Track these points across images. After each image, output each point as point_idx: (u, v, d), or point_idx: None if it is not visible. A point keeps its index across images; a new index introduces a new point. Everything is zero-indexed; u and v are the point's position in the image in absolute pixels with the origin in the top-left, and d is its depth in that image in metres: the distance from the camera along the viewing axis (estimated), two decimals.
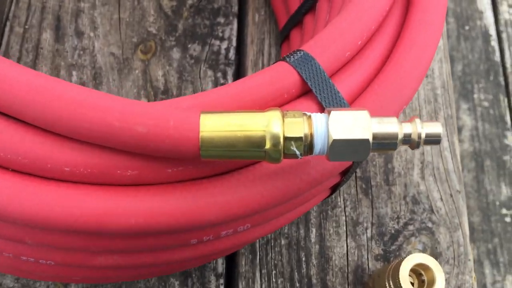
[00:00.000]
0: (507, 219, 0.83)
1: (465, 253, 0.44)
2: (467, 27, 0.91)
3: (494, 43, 0.92)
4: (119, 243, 0.30)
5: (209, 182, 0.29)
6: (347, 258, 0.43)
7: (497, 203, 0.84)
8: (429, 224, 0.45)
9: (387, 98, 0.32)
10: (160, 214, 0.28)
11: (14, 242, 0.30)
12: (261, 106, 0.30)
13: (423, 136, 0.26)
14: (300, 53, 0.31)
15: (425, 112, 0.49)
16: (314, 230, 0.44)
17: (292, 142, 0.25)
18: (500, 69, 0.89)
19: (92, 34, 0.49)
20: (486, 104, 0.88)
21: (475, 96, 0.90)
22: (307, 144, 0.26)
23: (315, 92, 0.31)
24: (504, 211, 0.83)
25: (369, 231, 0.44)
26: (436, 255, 0.44)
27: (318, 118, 0.26)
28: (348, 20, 0.32)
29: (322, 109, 0.30)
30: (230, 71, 0.49)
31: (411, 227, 0.45)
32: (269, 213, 0.32)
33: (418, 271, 0.38)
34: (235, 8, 0.51)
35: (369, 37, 0.33)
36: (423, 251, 0.44)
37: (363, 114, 0.26)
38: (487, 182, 0.85)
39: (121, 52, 0.48)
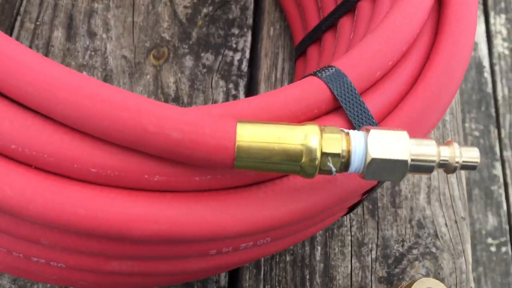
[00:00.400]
0: (492, 249, 0.84)
1: (467, 281, 0.44)
2: None
3: (487, 74, 0.94)
4: (137, 250, 0.29)
5: (236, 193, 0.29)
6: (351, 279, 0.43)
7: (483, 232, 0.85)
8: (433, 249, 0.45)
9: (414, 121, 0.32)
10: (185, 222, 0.27)
11: (27, 242, 0.29)
12: (291, 120, 0.29)
13: (460, 160, 0.26)
14: (332, 69, 0.31)
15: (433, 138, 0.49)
16: (319, 248, 0.44)
17: (329, 158, 0.25)
18: (492, 101, 0.91)
19: (104, 36, 0.48)
20: (476, 133, 0.89)
21: (467, 125, 0.91)
22: (344, 161, 0.25)
23: (345, 109, 0.30)
24: (489, 240, 0.84)
25: (373, 252, 0.44)
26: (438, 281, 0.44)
27: (356, 136, 0.26)
28: (381, 40, 0.32)
29: (351, 127, 0.30)
30: (242, 83, 0.48)
31: (415, 251, 0.44)
32: (291, 228, 0.31)
33: None
34: (250, 21, 0.51)
35: (399, 58, 0.33)
36: (426, 276, 0.44)
37: (402, 135, 0.26)
38: (475, 211, 0.86)
39: (133, 56, 0.47)
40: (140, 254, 0.30)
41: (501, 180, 0.89)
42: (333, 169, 0.25)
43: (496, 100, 0.97)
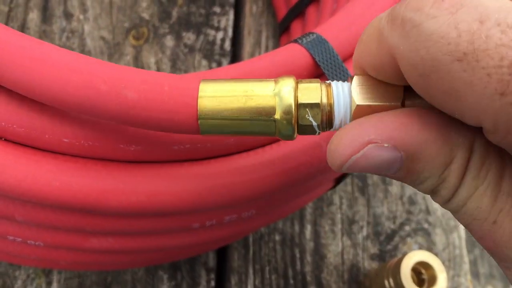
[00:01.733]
0: None
1: (460, 255, 0.43)
2: None
3: None
4: (116, 224, 0.28)
5: (216, 162, 0.27)
6: (342, 257, 0.42)
7: None
8: (425, 225, 0.44)
9: None
10: (164, 193, 0.26)
11: (1, 219, 0.28)
12: None
13: None
14: (313, 35, 0.30)
15: None
16: (309, 226, 0.43)
17: (308, 110, 0.21)
18: None
19: (81, 17, 0.46)
20: None
21: None
22: (326, 113, 0.21)
23: (328, 75, 0.29)
24: None
25: (364, 230, 0.43)
26: None
27: (339, 85, 0.21)
28: (362, 5, 0.31)
29: None
30: (225, 62, 0.47)
31: (407, 228, 0.44)
32: (274, 200, 0.30)
33: (418, 270, 0.37)
34: None
35: None
36: None
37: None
38: None
39: (112, 37, 0.46)
40: (120, 229, 0.28)
41: None
42: (314, 123, 0.21)
43: None
